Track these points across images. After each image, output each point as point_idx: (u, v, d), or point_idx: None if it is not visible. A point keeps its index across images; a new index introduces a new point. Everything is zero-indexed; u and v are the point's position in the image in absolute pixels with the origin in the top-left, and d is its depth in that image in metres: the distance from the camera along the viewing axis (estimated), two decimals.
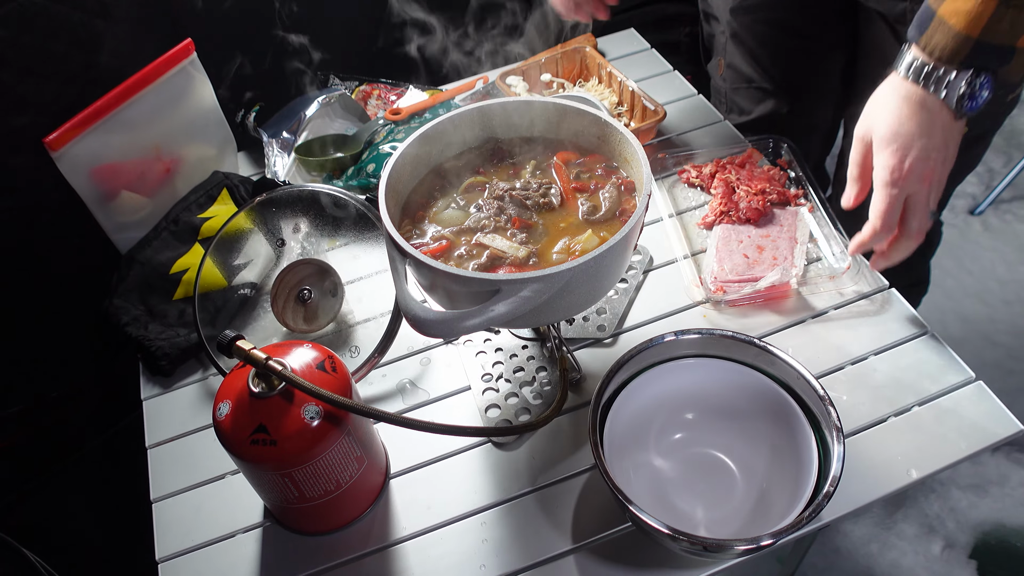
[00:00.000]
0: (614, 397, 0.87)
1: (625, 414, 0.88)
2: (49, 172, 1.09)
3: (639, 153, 0.88)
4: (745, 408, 0.90)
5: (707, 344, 0.90)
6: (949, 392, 0.97)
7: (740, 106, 1.51)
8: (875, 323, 1.05)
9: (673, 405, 0.92)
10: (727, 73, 1.50)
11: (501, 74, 1.38)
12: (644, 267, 1.15)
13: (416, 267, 0.81)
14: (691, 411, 0.93)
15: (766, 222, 1.16)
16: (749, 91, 1.48)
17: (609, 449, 0.83)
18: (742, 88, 1.49)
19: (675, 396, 0.92)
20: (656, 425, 0.92)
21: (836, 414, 0.81)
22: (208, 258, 1.11)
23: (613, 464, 0.83)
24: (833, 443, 0.79)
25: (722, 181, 1.21)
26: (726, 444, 0.91)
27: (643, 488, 0.88)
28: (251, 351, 0.79)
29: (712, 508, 0.86)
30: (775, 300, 1.08)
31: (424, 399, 1.04)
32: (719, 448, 0.91)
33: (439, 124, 0.96)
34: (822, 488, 0.77)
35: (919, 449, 0.92)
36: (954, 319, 2.19)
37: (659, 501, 0.87)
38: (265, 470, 0.81)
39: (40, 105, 1.07)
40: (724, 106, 1.55)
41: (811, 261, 1.13)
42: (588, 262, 0.77)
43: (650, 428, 0.92)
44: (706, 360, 0.91)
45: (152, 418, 1.07)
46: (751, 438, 0.90)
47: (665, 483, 0.89)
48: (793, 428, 0.85)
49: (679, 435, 0.93)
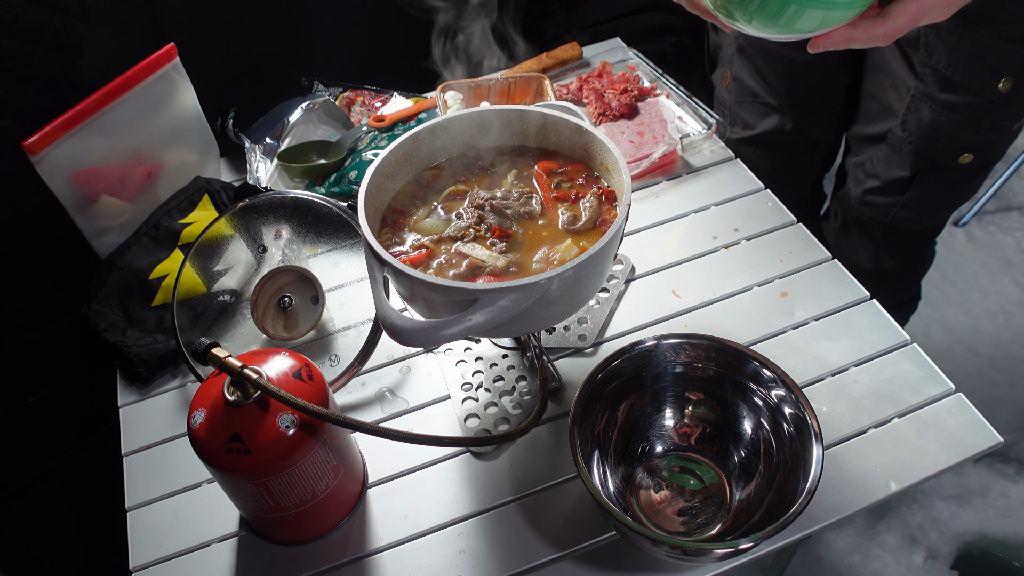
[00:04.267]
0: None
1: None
2: (28, 176, 1.08)
3: (620, 163, 0.88)
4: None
5: (690, 351, 0.90)
6: (929, 404, 0.97)
7: (744, 120, 1.51)
8: (856, 334, 1.05)
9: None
10: (732, 86, 1.50)
11: (443, 85, 1.36)
12: (626, 276, 1.14)
13: (394, 275, 0.81)
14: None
15: (635, 114, 1.38)
16: (754, 105, 1.48)
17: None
18: (747, 102, 1.49)
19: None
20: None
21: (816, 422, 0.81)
22: (188, 264, 1.10)
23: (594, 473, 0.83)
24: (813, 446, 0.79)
25: (591, 91, 1.41)
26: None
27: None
28: (226, 359, 0.78)
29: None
30: (667, 167, 1.32)
31: (403, 408, 1.03)
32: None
33: (421, 132, 0.96)
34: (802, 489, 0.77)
35: (899, 461, 0.92)
36: (938, 329, 2.20)
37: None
38: (240, 479, 0.80)
39: (19, 109, 1.06)
40: (727, 119, 1.56)
41: (683, 136, 1.32)
42: (566, 272, 0.76)
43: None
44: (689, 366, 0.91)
45: (129, 425, 1.06)
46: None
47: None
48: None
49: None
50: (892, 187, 1.32)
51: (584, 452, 0.83)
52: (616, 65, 1.50)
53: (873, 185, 1.35)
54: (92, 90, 1.11)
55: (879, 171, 1.33)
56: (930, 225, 1.44)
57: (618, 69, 1.47)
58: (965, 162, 1.22)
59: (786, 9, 0.73)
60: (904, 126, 1.23)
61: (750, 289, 1.12)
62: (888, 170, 1.31)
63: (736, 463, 0.89)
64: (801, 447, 0.80)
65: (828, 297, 1.09)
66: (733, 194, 1.26)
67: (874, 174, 1.34)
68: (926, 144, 1.22)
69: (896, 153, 1.28)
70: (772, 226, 1.20)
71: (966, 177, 1.29)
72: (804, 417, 0.81)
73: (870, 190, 1.37)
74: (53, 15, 1.07)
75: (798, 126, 1.45)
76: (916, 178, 1.28)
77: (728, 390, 0.89)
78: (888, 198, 1.34)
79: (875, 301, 1.08)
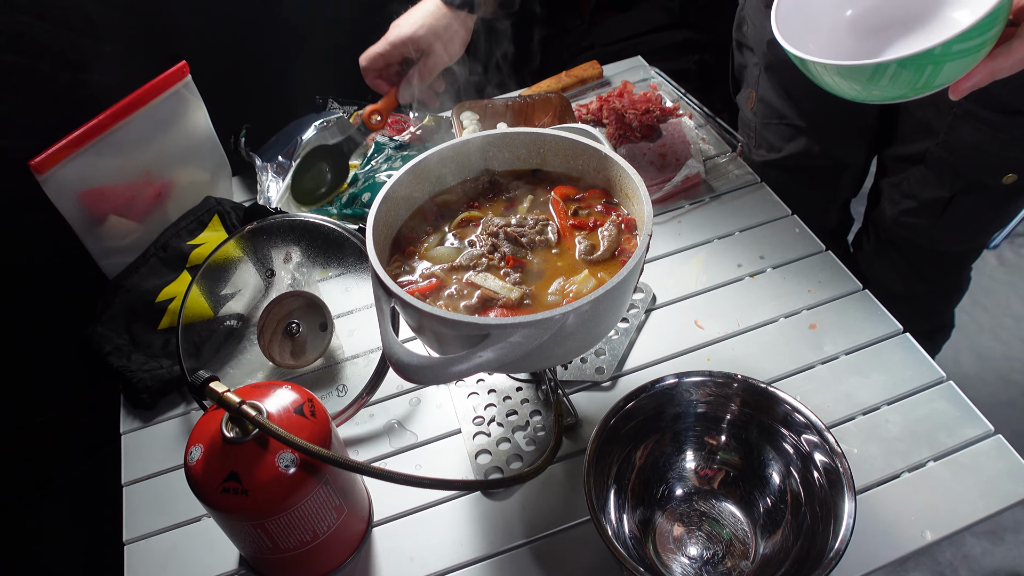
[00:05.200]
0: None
1: None
2: (34, 195, 1.05)
3: (640, 190, 0.84)
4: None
5: (714, 389, 0.85)
6: (967, 446, 0.92)
7: (769, 142, 1.47)
8: (889, 370, 1.00)
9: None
10: (758, 107, 1.45)
11: (459, 105, 1.32)
12: (647, 306, 1.10)
13: (402, 307, 0.77)
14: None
15: (657, 136, 1.35)
16: (780, 127, 1.43)
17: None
18: (773, 124, 1.44)
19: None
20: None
21: (849, 469, 0.76)
22: (194, 287, 1.07)
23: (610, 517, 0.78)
24: (845, 500, 0.75)
25: (611, 111, 1.37)
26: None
27: None
28: (224, 394, 0.74)
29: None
30: (690, 191, 1.27)
31: (412, 442, 0.99)
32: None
33: (433, 155, 0.92)
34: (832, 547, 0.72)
35: (934, 507, 0.87)
36: (968, 356, 2.13)
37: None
38: (236, 520, 0.76)
39: (24, 126, 1.04)
40: (752, 141, 1.51)
41: (707, 158, 1.29)
42: (583, 306, 0.72)
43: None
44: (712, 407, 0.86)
45: (130, 453, 1.03)
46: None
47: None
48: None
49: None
50: (930, 208, 1.27)
51: (599, 497, 0.79)
52: (637, 84, 1.46)
53: (910, 206, 1.30)
54: (101, 108, 1.09)
55: (916, 191, 1.28)
56: (968, 248, 1.39)
57: (639, 88, 1.43)
58: (1009, 182, 1.17)
59: (922, 72, 0.71)
60: (945, 145, 1.18)
61: (776, 320, 1.07)
62: (926, 190, 1.26)
63: (762, 511, 0.84)
64: (832, 499, 0.75)
65: (859, 330, 1.04)
66: (759, 220, 1.21)
67: (911, 194, 1.29)
68: (968, 164, 1.18)
69: (935, 173, 1.23)
70: (800, 254, 1.15)
71: (1008, 198, 1.24)
72: (837, 467, 0.76)
73: (906, 211, 1.32)
74: (59, 31, 1.05)
75: (826, 148, 1.40)
76: (955, 198, 1.23)
77: (754, 433, 0.85)
78: (925, 219, 1.29)
79: (908, 335, 1.03)
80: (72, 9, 1.07)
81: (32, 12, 1.01)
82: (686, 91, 1.41)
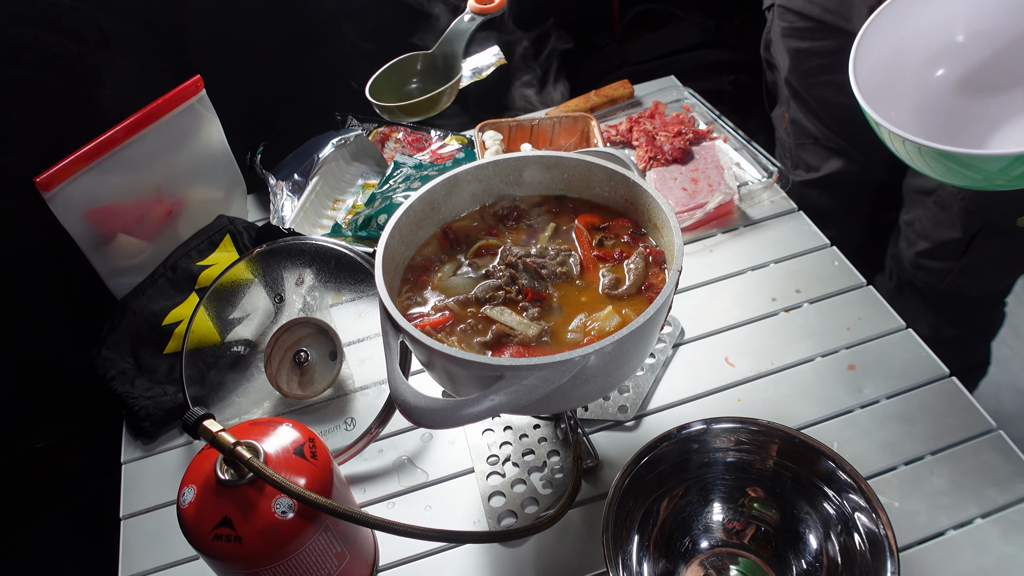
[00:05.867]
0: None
1: None
2: (40, 212, 1.02)
3: (671, 220, 0.78)
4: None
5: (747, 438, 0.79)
6: (1018, 503, 0.85)
7: (807, 162, 1.41)
8: (934, 417, 0.93)
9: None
10: (791, 128, 1.40)
11: (482, 124, 1.26)
12: (674, 340, 1.04)
13: (411, 343, 0.72)
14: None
15: (689, 159, 1.28)
16: (816, 147, 1.38)
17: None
18: (808, 144, 1.39)
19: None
20: None
21: (890, 525, 0.69)
22: (201, 310, 1.03)
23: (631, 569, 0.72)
24: (887, 560, 0.68)
25: (642, 132, 1.32)
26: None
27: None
28: (218, 434, 0.69)
29: None
30: (723, 218, 1.21)
31: (422, 481, 0.94)
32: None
33: (451, 178, 0.87)
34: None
35: (982, 571, 0.80)
36: (1009, 392, 2.04)
37: None
38: (230, 568, 0.71)
39: (30, 141, 1.00)
40: (789, 161, 1.45)
41: (741, 184, 1.21)
42: (605, 347, 0.67)
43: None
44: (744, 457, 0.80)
45: (130, 485, 0.99)
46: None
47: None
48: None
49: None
50: (945, 250, 1.21)
51: (618, 551, 0.73)
52: (670, 105, 1.41)
53: (924, 247, 1.24)
54: (110, 123, 1.06)
55: (929, 231, 1.22)
56: (994, 291, 1.32)
57: (672, 109, 1.38)
58: None
59: None
60: None
61: (813, 360, 1.01)
62: (938, 231, 1.20)
63: (795, 572, 0.77)
64: (874, 568, 0.69)
65: (901, 372, 0.98)
66: (795, 250, 1.15)
67: (924, 235, 1.23)
68: (978, 203, 1.11)
69: (945, 212, 1.17)
70: (838, 288, 1.08)
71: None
72: (881, 534, 0.70)
73: (922, 252, 1.25)
74: (69, 43, 1.01)
75: (866, 167, 1.34)
76: (975, 242, 1.16)
77: (789, 487, 0.78)
78: (943, 263, 1.23)
79: (955, 379, 0.96)
80: (84, 21, 1.04)
81: (40, 24, 0.97)
82: (720, 113, 1.35)
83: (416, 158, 1.29)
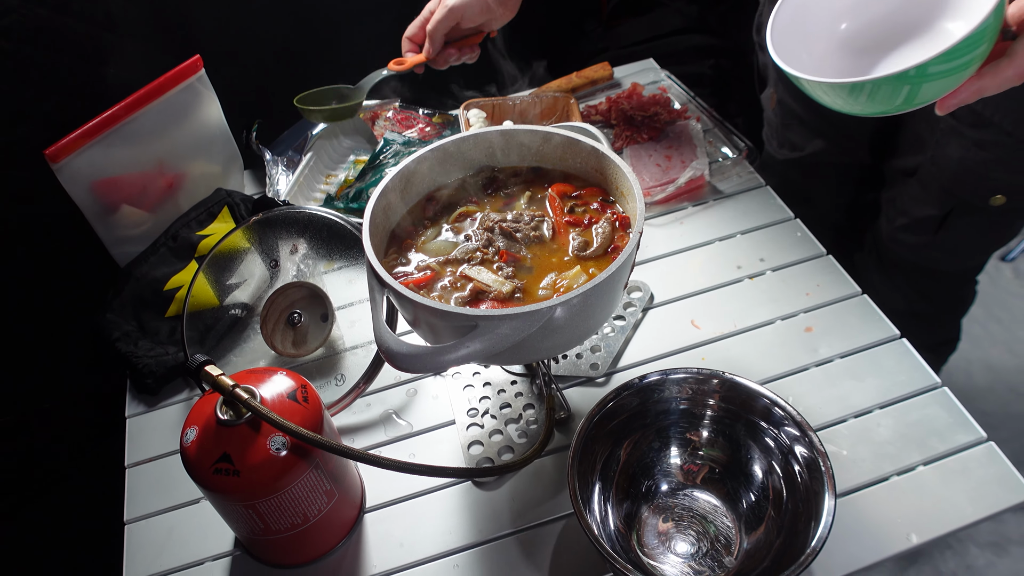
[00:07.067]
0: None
1: None
2: (49, 184, 1.08)
3: (635, 188, 0.85)
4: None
5: (698, 386, 0.86)
6: (958, 452, 0.92)
7: (792, 142, 1.47)
8: (883, 375, 1.00)
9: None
10: (779, 108, 1.46)
11: (467, 103, 1.34)
12: (644, 304, 1.11)
13: (395, 298, 0.79)
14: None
15: (664, 137, 1.35)
16: (802, 128, 1.44)
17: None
18: (794, 124, 1.45)
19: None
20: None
21: (830, 465, 0.77)
22: (200, 276, 1.09)
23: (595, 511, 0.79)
24: (826, 497, 0.75)
25: (620, 111, 1.39)
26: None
27: None
28: (218, 377, 0.76)
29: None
30: (694, 192, 1.29)
31: (407, 431, 1.01)
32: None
33: (435, 150, 0.94)
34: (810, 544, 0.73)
35: (921, 512, 0.87)
36: (979, 368, 2.11)
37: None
38: (228, 501, 0.78)
39: (41, 117, 1.07)
40: (775, 140, 1.51)
41: (712, 160, 1.31)
42: (572, 300, 0.73)
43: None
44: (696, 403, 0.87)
45: (134, 437, 1.05)
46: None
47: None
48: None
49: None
50: (922, 226, 1.27)
51: (584, 491, 0.80)
52: (647, 86, 1.47)
53: (903, 223, 1.30)
54: (116, 100, 1.12)
55: (908, 208, 1.28)
56: (966, 267, 1.38)
57: (649, 90, 1.44)
58: (997, 204, 1.16)
59: (899, 92, 0.71)
60: (934, 160, 1.18)
61: (773, 322, 1.08)
62: (917, 207, 1.26)
63: (745, 506, 0.84)
64: (814, 494, 0.76)
65: (855, 334, 1.05)
66: (761, 222, 1.21)
67: (904, 211, 1.29)
68: (955, 182, 1.17)
69: (925, 190, 1.23)
70: (800, 257, 1.15)
71: (1002, 220, 1.23)
72: (817, 462, 0.77)
73: (901, 227, 1.32)
74: (78, 24, 1.07)
75: (848, 148, 1.41)
76: (949, 219, 1.23)
77: (739, 430, 0.85)
78: (919, 237, 1.29)
79: (905, 340, 1.03)
80: (93, 4, 1.10)
81: (52, 6, 1.04)
82: (698, 95, 1.42)
83: (405, 135, 1.35)
